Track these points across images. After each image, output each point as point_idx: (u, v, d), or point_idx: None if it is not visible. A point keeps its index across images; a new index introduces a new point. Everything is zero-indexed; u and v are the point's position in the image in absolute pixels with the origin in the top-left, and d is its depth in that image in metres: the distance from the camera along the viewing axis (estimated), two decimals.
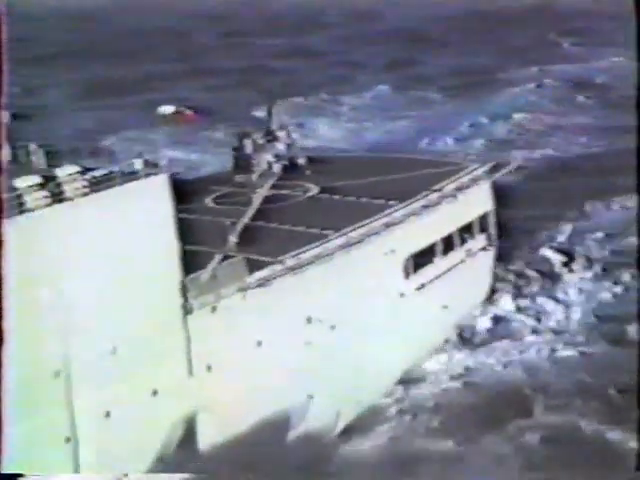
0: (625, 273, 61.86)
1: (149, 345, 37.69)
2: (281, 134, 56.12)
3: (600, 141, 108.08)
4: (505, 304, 57.94)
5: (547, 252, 66.98)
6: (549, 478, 47.15)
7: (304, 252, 44.04)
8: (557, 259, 66.02)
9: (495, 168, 56.23)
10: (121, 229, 37.10)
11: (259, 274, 42.00)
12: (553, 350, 53.98)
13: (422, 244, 50.09)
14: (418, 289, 49.78)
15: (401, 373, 49.56)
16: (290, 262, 43.19)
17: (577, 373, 52.60)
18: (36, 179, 35.80)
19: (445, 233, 51.60)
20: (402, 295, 48.92)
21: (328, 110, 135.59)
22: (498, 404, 49.51)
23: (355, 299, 45.42)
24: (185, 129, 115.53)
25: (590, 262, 64.87)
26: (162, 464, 39.02)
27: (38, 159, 42.92)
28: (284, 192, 52.70)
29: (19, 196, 34.88)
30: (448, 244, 51.96)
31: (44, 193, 35.50)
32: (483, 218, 55.01)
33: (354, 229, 46.43)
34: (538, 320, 57.30)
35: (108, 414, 36.60)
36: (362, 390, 46.71)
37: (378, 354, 46.45)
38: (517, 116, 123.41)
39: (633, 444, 46.40)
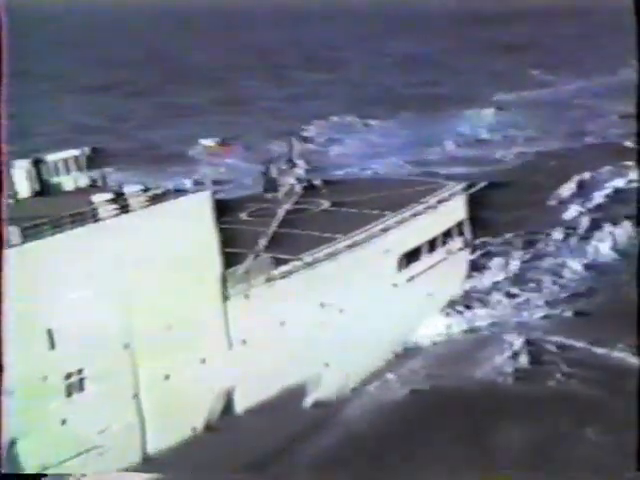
0: None
1: (197, 324, 39.59)
2: (300, 162, 57.43)
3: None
4: None
5: None
6: None
7: (318, 252, 45.71)
8: None
9: (469, 187, 57.02)
10: (174, 233, 38.93)
11: (282, 268, 43.68)
12: None
13: (411, 245, 50.79)
14: (408, 281, 50.46)
15: (395, 345, 50.46)
16: (307, 259, 44.86)
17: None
18: (108, 195, 38.10)
19: (430, 236, 52.12)
20: (395, 285, 49.71)
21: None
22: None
23: (358, 288, 46.49)
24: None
25: None
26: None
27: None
28: (303, 206, 53.66)
29: (94, 209, 37.38)
30: (432, 245, 52.50)
31: (114, 206, 37.93)
32: (460, 225, 55.20)
33: (357, 234, 47.83)
34: None
35: (167, 377, 38.69)
36: (365, 358, 48.04)
37: (377, 330, 47.57)
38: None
39: None
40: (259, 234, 47.95)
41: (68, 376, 36.03)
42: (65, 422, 35.89)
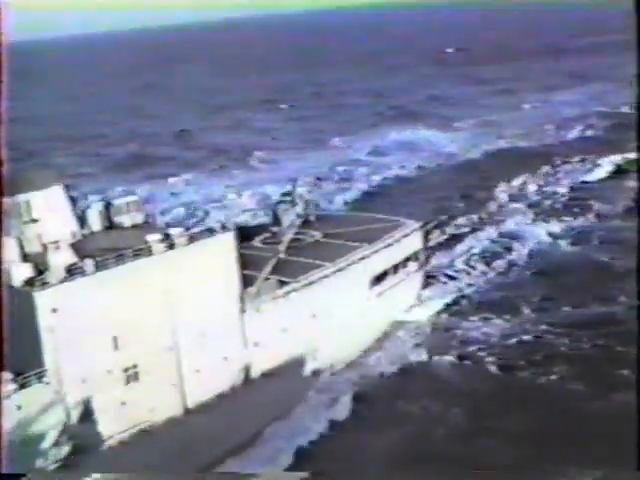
0: None
1: (222, 331, 39.91)
2: (300, 202, 57.20)
3: None
4: None
5: None
6: None
7: (311, 275, 45.65)
8: None
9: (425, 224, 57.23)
10: (207, 264, 39.15)
11: (285, 289, 43.82)
12: None
13: (381, 269, 50.42)
14: (377, 296, 50.11)
15: (367, 343, 49.35)
16: (304, 281, 44.86)
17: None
18: (158, 236, 38.17)
19: (395, 262, 51.72)
20: (368, 299, 49.39)
21: None
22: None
23: (341, 302, 46.21)
24: None
25: None
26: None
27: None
28: (301, 237, 53.31)
29: (149, 246, 37.48)
30: (395, 268, 51.98)
31: (163, 244, 38.04)
32: (416, 253, 54.57)
33: (341, 261, 47.68)
34: None
35: (198, 370, 38.91)
36: (346, 349, 47.45)
37: (353, 332, 47.17)
38: None
39: None
40: (267, 259, 47.89)
41: (126, 370, 36.26)
42: (124, 404, 36.07)
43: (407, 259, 53.69)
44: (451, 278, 60.14)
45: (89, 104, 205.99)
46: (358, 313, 47.83)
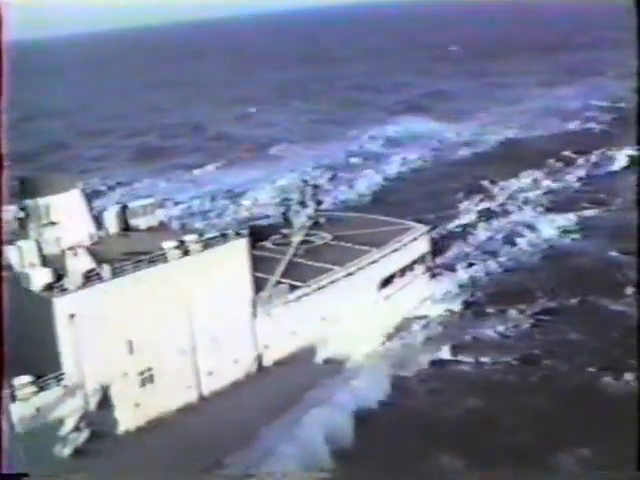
0: None
1: (233, 336, 40.60)
2: (310, 204, 57.69)
3: None
4: None
5: None
6: None
7: (322, 279, 46.22)
8: None
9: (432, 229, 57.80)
10: (220, 270, 39.70)
11: (295, 293, 44.37)
12: None
13: (388, 272, 50.89)
14: (385, 299, 50.62)
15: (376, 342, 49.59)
16: (314, 286, 45.39)
17: None
18: (173, 243, 38.83)
19: (402, 265, 52.16)
20: (376, 302, 49.86)
21: None
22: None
23: (349, 306, 46.74)
24: None
25: None
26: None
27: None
28: (311, 239, 53.71)
29: (164, 253, 38.15)
30: (403, 271, 52.45)
31: (178, 251, 38.70)
32: (423, 256, 54.99)
33: (351, 265, 48.18)
34: None
35: (211, 373, 39.71)
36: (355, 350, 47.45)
37: (363, 333, 47.25)
38: None
39: None
40: (278, 262, 48.42)
41: (141, 373, 37.04)
42: (138, 405, 36.89)
43: (414, 261, 54.09)
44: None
45: (107, 99, 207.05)
46: (367, 316, 48.22)
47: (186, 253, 38.61)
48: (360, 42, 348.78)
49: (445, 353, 47.69)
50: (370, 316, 48.77)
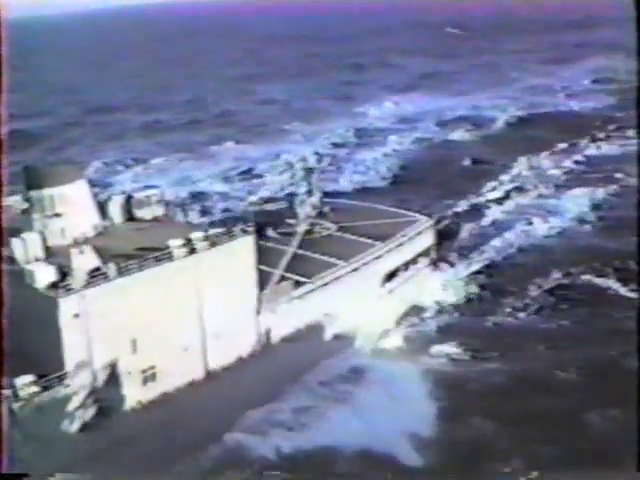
0: None
1: (237, 333, 40.23)
2: (316, 192, 56.99)
3: None
4: None
5: None
6: None
7: (327, 275, 45.67)
8: None
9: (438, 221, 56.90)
10: (225, 267, 39.09)
11: (300, 290, 43.85)
12: None
13: (392, 266, 50.51)
14: (388, 293, 50.23)
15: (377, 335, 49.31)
16: (318, 282, 44.87)
17: None
18: (180, 241, 38.12)
19: (406, 259, 51.82)
20: (380, 296, 49.49)
21: None
22: None
23: (353, 301, 46.12)
24: None
25: None
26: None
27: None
28: (315, 229, 53.06)
29: (171, 252, 37.52)
30: (406, 265, 52.07)
31: (185, 249, 38.07)
32: (427, 249, 54.55)
33: (356, 260, 47.69)
34: None
35: (214, 369, 39.51)
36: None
37: (366, 327, 47.26)
38: None
39: None
40: (282, 254, 47.88)
41: (144, 371, 36.70)
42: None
43: (418, 255, 53.62)
44: None
45: (112, 77, 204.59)
46: (370, 310, 47.73)
47: (192, 251, 37.95)
48: (362, 21, 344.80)
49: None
50: (374, 310, 48.15)
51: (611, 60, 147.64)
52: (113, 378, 35.52)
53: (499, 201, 75.26)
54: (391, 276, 50.73)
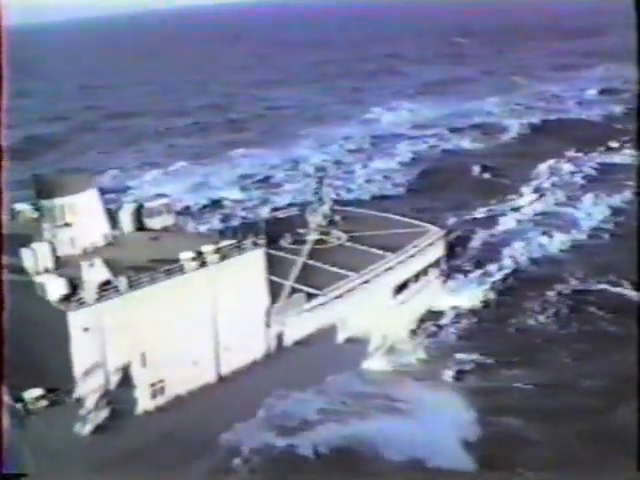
0: None
1: (246, 346, 39.80)
2: (327, 200, 56.48)
3: None
4: None
5: None
6: None
7: (337, 288, 44.96)
8: None
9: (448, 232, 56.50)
10: (236, 280, 38.55)
11: (311, 303, 43.22)
12: None
13: (403, 278, 49.85)
14: (399, 304, 49.64)
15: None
16: (330, 295, 44.25)
17: None
18: (190, 254, 37.60)
19: (417, 270, 51.11)
20: (390, 308, 48.82)
21: None
22: None
23: (364, 313, 45.63)
24: None
25: None
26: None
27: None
28: (325, 238, 52.55)
29: (182, 265, 37.04)
30: (417, 276, 51.34)
31: (195, 263, 37.53)
32: (437, 260, 53.94)
33: (367, 272, 47.07)
34: None
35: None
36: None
37: (376, 340, 47.03)
38: None
39: None
40: (293, 264, 47.37)
41: (153, 385, 36.28)
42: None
43: (429, 265, 53.01)
44: None
45: (127, 82, 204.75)
46: (381, 322, 47.33)
47: (203, 264, 37.48)
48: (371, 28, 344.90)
49: None
50: (384, 322, 47.77)
51: (620, 68, 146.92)
52: (126, 380, 35.21)
53: (515, 209, 74.80)
54: (402, 287, 50.08)
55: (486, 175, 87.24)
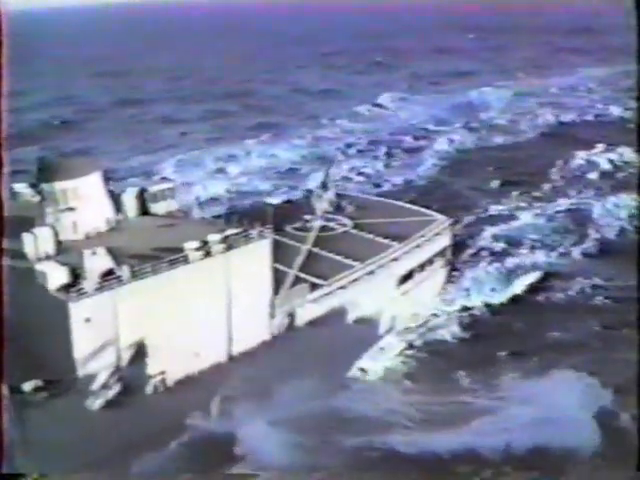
0: None
1: (250, 338, 38.96)
2: (332, 186, 55.52)
3: None
4: None
5: None
6: None
7: (342, 278, 44.06)
8: None
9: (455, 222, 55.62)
10: (240, 271, 37.57)
11: (314, 294, 42.29)
12: None
13: (408, 268, 48.90)
14: (403, 294, 48.76)
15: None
16: (335, 285, 43.38)
17: None
18: (195, 244, 36.60)
19: (422, 260, 50.18)
20: (393, 298, 47.86)
21: None
22: None
23: (368, 302, 44.63)
24: None
25: None
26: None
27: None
28: (331, 225, 51.73)
29: (186, 254, 36.06)
30: (422, 266, 50.39)
31: (200, 252, 36.57)
32: (444, 250, 53.01)
33: (372, 262, 46.25)
34: None
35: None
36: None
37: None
38: None
39: None
40: (298, 252, 46.43)
41: (154, 376, 35.44)
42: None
43: (434, 255, 52.02)
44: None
45: (142, 69, 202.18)
46: (384, 312, 46.40)
47: (207, 254, 36.45)
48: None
49: None
50: (388, 312, 46.79)
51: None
52: (138, 356, 34.35)
53: (531, 205, 73.01)
54: (407, 277, 49.12)
55: (504, 169, 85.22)
